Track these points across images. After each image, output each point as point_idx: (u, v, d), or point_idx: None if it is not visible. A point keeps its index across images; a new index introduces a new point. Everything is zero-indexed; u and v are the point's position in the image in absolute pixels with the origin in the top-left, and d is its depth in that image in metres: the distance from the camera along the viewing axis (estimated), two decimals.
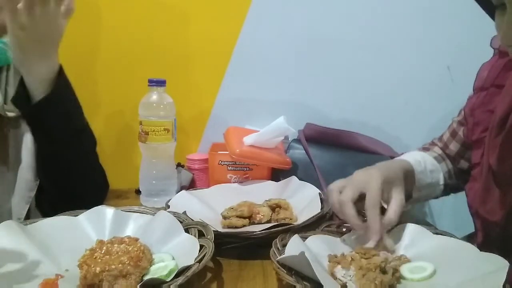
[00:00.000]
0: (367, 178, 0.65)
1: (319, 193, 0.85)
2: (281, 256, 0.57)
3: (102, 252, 0.59)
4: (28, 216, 0.75)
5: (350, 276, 0.57)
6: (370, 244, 0.62)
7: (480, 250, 0.59)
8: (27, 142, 0.74)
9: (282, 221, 0.77)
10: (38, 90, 0.69)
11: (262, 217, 0.80)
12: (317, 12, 1.11)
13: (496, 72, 0.74)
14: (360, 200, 0.66)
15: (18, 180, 0.73)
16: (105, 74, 1.11)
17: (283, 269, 0.56)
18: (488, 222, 0.63)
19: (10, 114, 0.72)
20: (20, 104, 0.71)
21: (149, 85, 0.92)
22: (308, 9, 1.11)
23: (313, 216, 0.74)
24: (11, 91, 0.73)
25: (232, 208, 0.82)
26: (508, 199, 0.62)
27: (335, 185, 0.68)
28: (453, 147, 0.82)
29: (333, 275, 0.58)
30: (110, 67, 1.10)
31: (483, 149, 0.71)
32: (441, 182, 0.80)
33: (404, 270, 0.59)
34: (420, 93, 1.16)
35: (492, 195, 0.66)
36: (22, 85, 0.70)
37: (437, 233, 0.67)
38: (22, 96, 0.70)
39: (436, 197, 0.83)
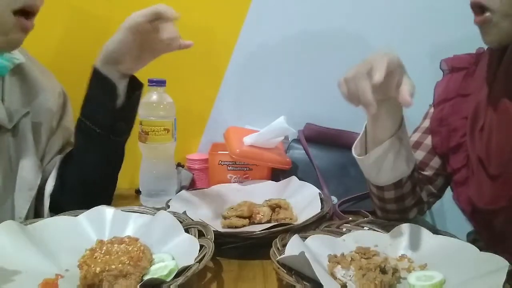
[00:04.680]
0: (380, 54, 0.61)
1: (319, 193, 0.85)
2: (281, 256, 0.57)
3: (102, 252, 0.59)
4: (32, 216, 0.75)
5: (350, 276, 0.57)
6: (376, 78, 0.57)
7: (486, 248, 0.59)
8: (29, 145, 0.75)
9: (282, 221, 0.77)
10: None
11: (262, 217, 0.80)
12: (317, 12, 1.11)
13: (457, 83, 0.75)
14: None
15: (18, 179, 0.73)
16: None
17: (283, 269, 0.56)
18: (491, 213, 0.63)
19: (10, 125, 0.73)
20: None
21: (149, 85, 0.92)
22: (308, 9, 1.11)
23: (313, 216, 0.74)
24: (8, 101, 0.74)
25: (232, 208, 0.82)
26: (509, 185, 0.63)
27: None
28: (418, 156, 0.80)
29: (333, 275, 0.58)
30: None
31: (465, 152, 0.71)
32: (414, 159, 0.75)
33: (411, 277, 0.58)
34: (420, 94, 1.16)
35: (487, 189, 0.66)
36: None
37: (437, 233, 0.67)
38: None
39: (404, 176, 0.73)
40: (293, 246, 0.60)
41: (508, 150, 0.62)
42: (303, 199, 0.85)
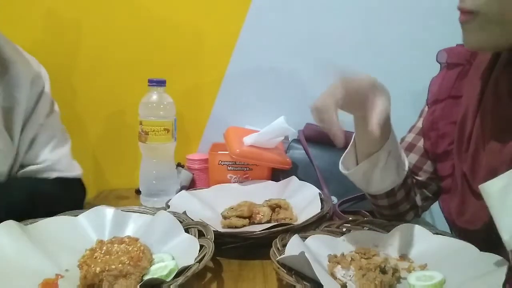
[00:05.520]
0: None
1: (319, 193, 0.85)
2: (281, 256, 0.57)
3: (102, 252, 0.59)
4: None
5: (350, 276, 0.57)
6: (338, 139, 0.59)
7: None
8: None
9: (282, 221, 0.77)
10: None
11: (262, 217, 0.80)
12: (317, 11, 1.11)
13: (450, 83, 0.73)
14: None
15: None
16: (105, 74, 1.11)
17: (283, 269, 0.56)
18: (468, 232, 0.62)
19: None
20: None
21: (149, 85, 0.92)
22: (308, 8, 1.11)
23: (313, 216, 0.74)
24: None
25: (232, 208, 0.82)
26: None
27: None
28: (411, 159, 0.78)
29: (333, 275, 0.58)
30: (110, 67, 1.10)
31: (452, 160, 0.70)
32: (406, 167, 0.74)
33: (411, 277, 0.58)
34: (422, 94, 1.16)
35: (470, 206, 0.65)
36: None
37: (437, 233, 0.67)
38: None
39: (395, 185, 0.73)
40: (293, 246, 0.60)
41: (496, 171, 0.58)
42: (303, 199, 0.85)
